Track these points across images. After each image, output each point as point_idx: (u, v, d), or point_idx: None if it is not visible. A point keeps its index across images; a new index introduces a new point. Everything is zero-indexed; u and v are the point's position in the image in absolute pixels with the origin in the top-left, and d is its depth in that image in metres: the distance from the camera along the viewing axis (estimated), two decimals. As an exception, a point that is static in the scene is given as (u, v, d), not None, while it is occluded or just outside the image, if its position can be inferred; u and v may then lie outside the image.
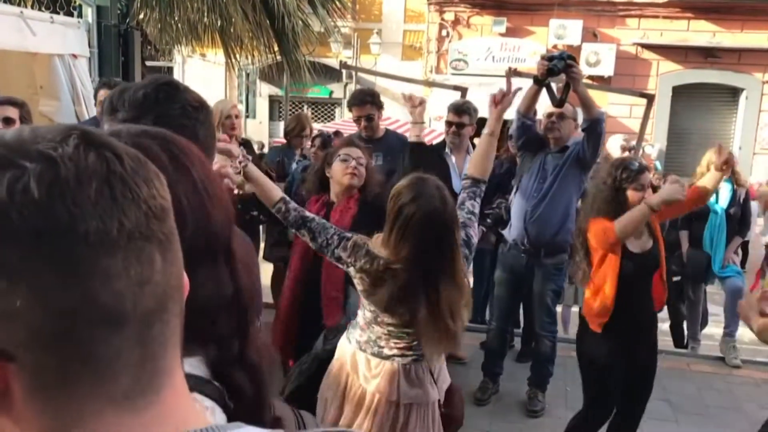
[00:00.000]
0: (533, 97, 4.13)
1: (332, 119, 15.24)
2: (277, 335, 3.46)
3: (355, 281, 2.53)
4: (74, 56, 5.44)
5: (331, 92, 15.88)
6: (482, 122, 4.83)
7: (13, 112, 3.51)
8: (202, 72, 14.81)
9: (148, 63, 11.28)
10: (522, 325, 5.29)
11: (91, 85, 5.54)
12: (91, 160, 0.54)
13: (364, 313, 2.57)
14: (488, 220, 4.99)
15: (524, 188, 4.33)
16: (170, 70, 15.09)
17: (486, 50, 13.61)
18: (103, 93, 4.00)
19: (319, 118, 15.57)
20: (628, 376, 3.39)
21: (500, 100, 2.93)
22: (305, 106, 15.61)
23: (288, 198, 2.71)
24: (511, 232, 4.42)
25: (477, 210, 2.73)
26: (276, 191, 2.72)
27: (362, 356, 2.56)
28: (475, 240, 2.66)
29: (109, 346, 0.54)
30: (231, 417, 0.85)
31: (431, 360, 2.55)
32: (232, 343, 0.91)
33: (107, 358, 0.54)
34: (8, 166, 0.52)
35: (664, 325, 6.33)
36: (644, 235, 3.34)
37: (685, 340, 5.98)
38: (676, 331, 6.11)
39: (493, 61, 13.44)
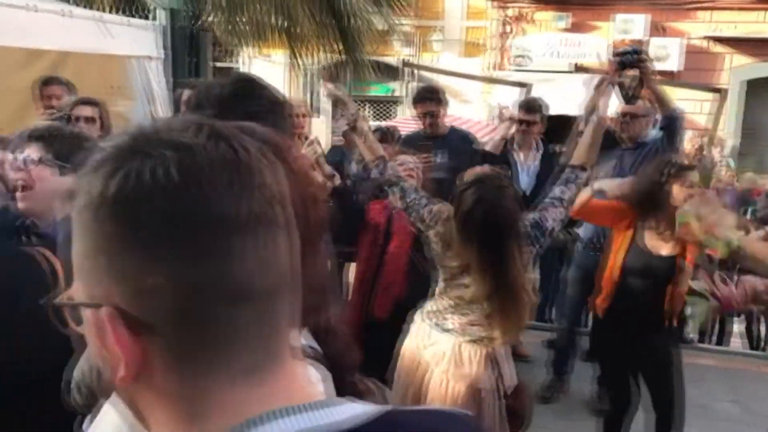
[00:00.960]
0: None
1: (392, 117, 15.28)
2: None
3: (432, 243, 2.69)
4: (148, 58, 5.66)
5: (392, 90, 15.93)
6: (550, 120, 4.82)
7: (92, 112, 3.68)
8: (266, 72, 15.09)
9: (217, 64, 11.57)
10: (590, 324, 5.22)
11: (164, 85, 5.74)
12: (221, 149, 0.58)
13: (438, 283, 2.69)
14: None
15: None
16: (233, 71, 15.41)
17: (548, 46, 13.41)
18: (186, 93, 4.16)
19: (379, 116, 15.64)
20: (640, 370, 3.37)
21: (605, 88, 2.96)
22: (366, 105, 15.71)
23: (387, 157, 2.95)
24: (585, 230, 4.38)
25: (568, 195, 2.70)
26: (380, 148, 2.98)
27: (424, 325, 2.67)
28: (549, 224, 2.64)
29: (234, 321, 0.57)
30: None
31: (495, 341, 2.58)
32: (324, 318, 0.96)
33: (233, 332, 0.58)
34: (149, 154, 0.56)
35: (740, 327, 6.16)
36: (669, 241, 3.21)
37: (761, 342, 5.80)
38: (750, 332, 5.94)
39: (557, 57, 13.24)
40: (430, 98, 4.53)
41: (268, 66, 15.04)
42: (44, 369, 1.64)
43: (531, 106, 4.63)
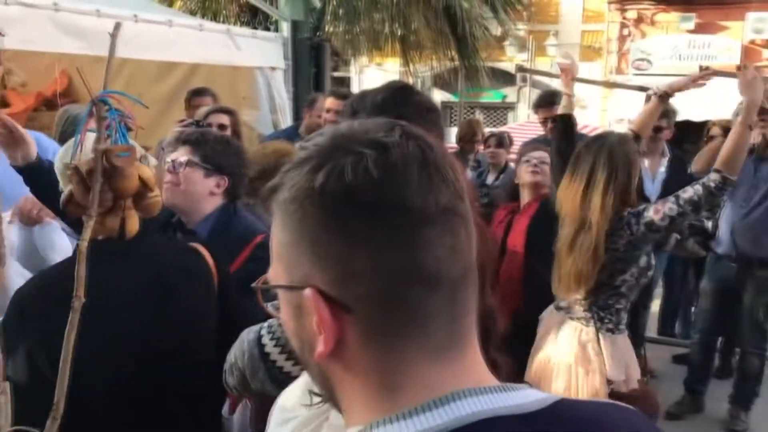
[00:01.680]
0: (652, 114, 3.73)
1: (504, 123, 15.10)
2: None
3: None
4: (272, 69, 5.86)
5: (504, 96, 15.75)
6: (680, 125, 4.57)
7: (226, 120, 3.84)
8: (378, 81, 15.30)
9: (334, 74, 11.88)
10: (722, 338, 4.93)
11: (286, 95, 5.93)
12: (412, 147, 0.63)
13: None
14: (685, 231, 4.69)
15: (734, 197, 4.03)
16: (348, 80, 15.76)
17: (672, 48, 12.83)
18: (330, 100, 4.28)
19: (491, 123, 15.50)
20: None
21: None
22: (477, 111, 15.62)
23: None
24: (721, 241, 4.14)
25: (688, 193, 2.60)
26: None
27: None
28: (650, 214, 2.61)
29: (428, 304, 0.62)
30: None
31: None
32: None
33: (426, 314, 0.62)
34: (349, 151, 0.62)
35: None
36: None
37: None
38: None
39: (680, 60, 12.63)
40: (554, 102, 4.43)
41: (381, 74, 15.27)
42: (196, 360, 1.72)
43: (661, 111, 4.41)
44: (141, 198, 1.26)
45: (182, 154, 2.23)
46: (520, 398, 0.63)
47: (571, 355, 2.72)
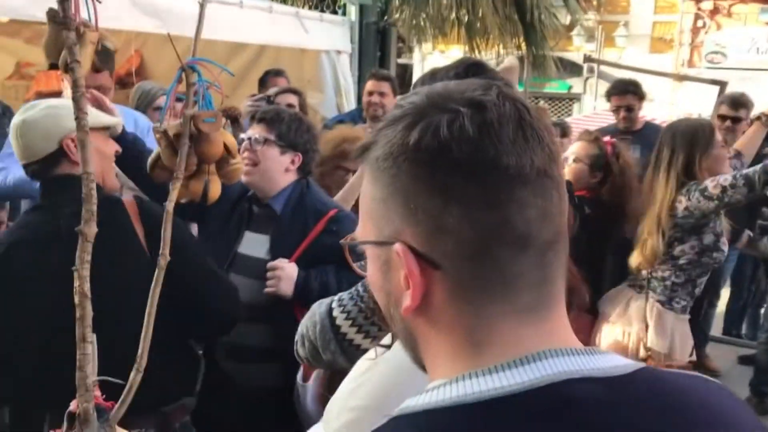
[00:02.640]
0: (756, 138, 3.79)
1: (569, 115, 14.84)
2: None
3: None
4: (338, 52, 5.90)
5: (570, 87, 15.46)
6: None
7: (294, 100, 3.92)
8: (441, 68, 15.20)
9: (398, 60, 11.87)
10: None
11: (351, 79, 5.97)
12: (508, 107, 0.63)
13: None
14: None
15: None
16: (411, 67, 15.72)
17: (750, 41, 12.35)
18: (371, 83, 4.32)
19: (555, 114, 15.25)
20: None
21: None
22: (542, 102, 15.39)
23: None
24: None
25: (748, 171, 2.79)
26: None
27: None
28: (706, 182, 2.78)
29: (516, 264, 0.62)
30: None
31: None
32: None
33: (514, 274, 0.63)
34: (445, 109, 0.62)
35: None
36: None
37: None
38: None
39: (758, 54, 12.16)
40: (629, 91, 4.37)
41: (444, 62, 15.16)
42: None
43: (738, 101, 4.28)
44: (224, 164, 1.30)
45: (259, 132, 2.31)
46: (605, 362, 0.63)
47: (615, 316, 2.97)
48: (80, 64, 1.18)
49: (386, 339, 1.09)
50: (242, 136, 2.39)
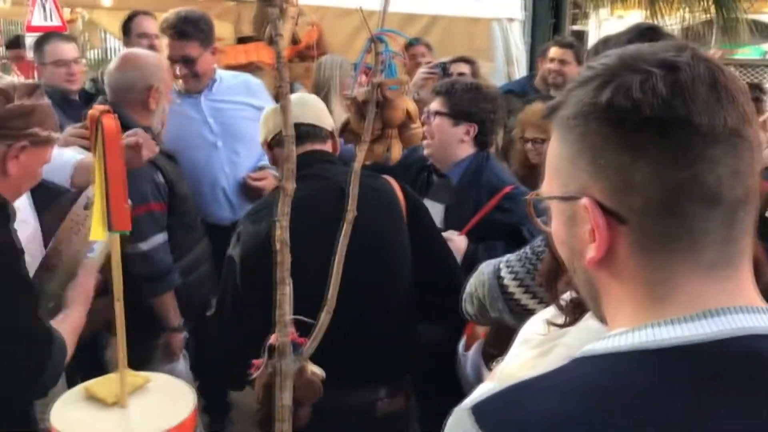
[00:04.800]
0: None
1: (764, 84, 13.53)
2: None
3: None
4: (510, 20, 5.82)
5: (765, 53, 14.07)
6: None
7: (466, 68, 3.97)
8: (618, 35, 14.41)
9: (572, 27, 11.45)
10: None
11: (523, 47, 5.88)
12: (701, 68, 0.65)
13: None
14: None
15: None
16: (586, 34, 15.07)
17: None
18: (554, 50, 4.25)
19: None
20: None
21: None
22: (731, 69, 14.15)
23: None
24: None
25: None
26: None
27: None
28: None
29: (703, 221, 0.64)
30: None
31: None
32: None
33: (700, 231, 0.65)
34: (637, 70, 0.65)
35: None
36: None
37: None
38: None
39: None
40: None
41: (621, 28, 14.37)
42: None
43: None
44: (405, 128, 1.39)
45: (434, 105, 2.41)
46: None
47: None
48: (282, 37, 1.32)
49: (555, 315, 1.12)
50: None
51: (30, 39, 4.47)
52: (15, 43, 5.16)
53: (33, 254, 1.83)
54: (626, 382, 0.62)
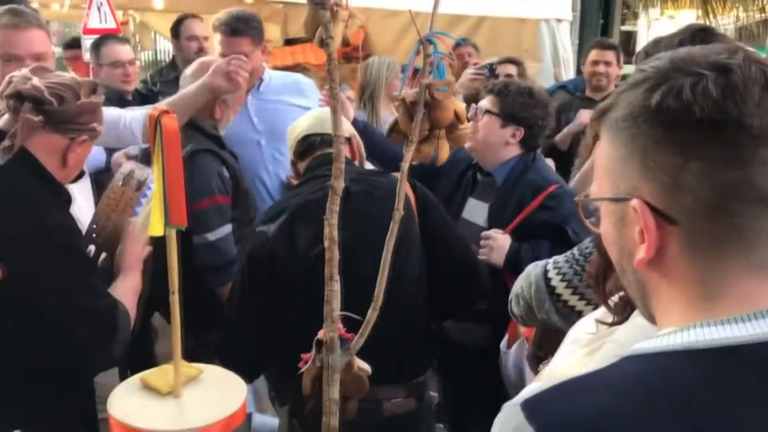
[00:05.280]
0: None
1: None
2: None
3: None
4: (558, 20, 5.78)
5: (823, 53, 13.58)
6: None
7: (513, 70, 3.96)
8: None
9: (622, 27, 11.27)
10: None
11: (570, 47, 5.82)
12: (753, 70, 0.65)
13: None
14: None
15: None
16: (635, 34, 14.82)
17: None
18: (595, 52, 4.22)
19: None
20: None
21: None
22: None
23: None
24: None
25: None
26: None
27: None
28: None
29: (755, 223, 0.65)
30: None
31: None
32: None
33: (752, 232, 0.65)
34: (689, 73, 0.66)
35: None
36: None
37: None
38: None
39: None
40: None
41: (672, 28, 14.05)
42: None
43: None
44: (453, 129, 1.41)
45: (485, 103, 2.42)
46: None
47: None
48: (333, 40, 1.35)
49: (603, 315, 1.12)
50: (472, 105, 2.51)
51: (87, 41, 4.62)
52: (72, 44, 5.33)
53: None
54: (675, 381, 0.63)
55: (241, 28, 2.97)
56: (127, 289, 1.84)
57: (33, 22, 2.34)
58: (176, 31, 4.10)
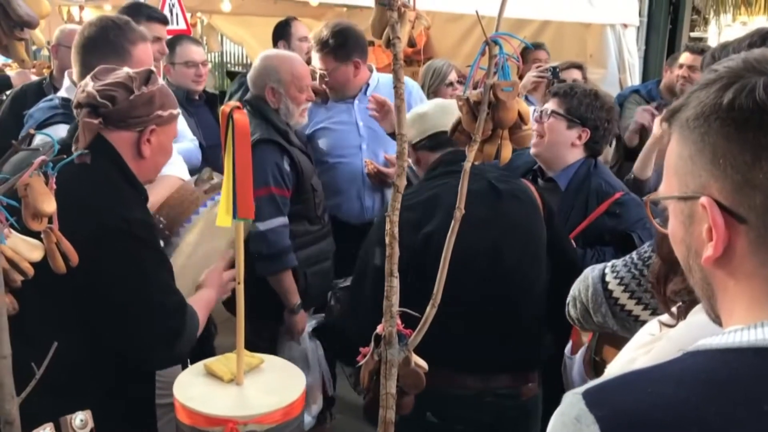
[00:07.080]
0: None
1: None
2: None
3: None
4: (624, 26, 5.67)
5: None
6: None
7: (578, 74, 3.91)
8: (741, 41, 13.66)
9: (691, 34, 10.97)
10: None
11: (636, 53, 5.70)
12: None
13: None
14: None
15: None
16: (705, 41, 14.40)
17: None
18: (686, 56, 4.09)
19: None
20: None
21: None
22: None
23: None
24: None
25: None
26: None
27: None
28: None
29: None
30: None
31: None
32: None
33: None
34: (762, 72, 0.66)
35: None
36: None
37: None
38: None
39: None
40: None
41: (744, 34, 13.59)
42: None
43: None
44: (516, 129, 1.41)
45: (550, 105, 2.42)
46: None
47: None
48: (400, 40, 1.38)
49: (666, 317, 1.11)
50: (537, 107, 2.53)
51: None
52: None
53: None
54: (740, 375, 0.63)
55: (324, 45, 3.13)
56: (202, 301, 1.88)
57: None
58: (285, 32, 4.26)
